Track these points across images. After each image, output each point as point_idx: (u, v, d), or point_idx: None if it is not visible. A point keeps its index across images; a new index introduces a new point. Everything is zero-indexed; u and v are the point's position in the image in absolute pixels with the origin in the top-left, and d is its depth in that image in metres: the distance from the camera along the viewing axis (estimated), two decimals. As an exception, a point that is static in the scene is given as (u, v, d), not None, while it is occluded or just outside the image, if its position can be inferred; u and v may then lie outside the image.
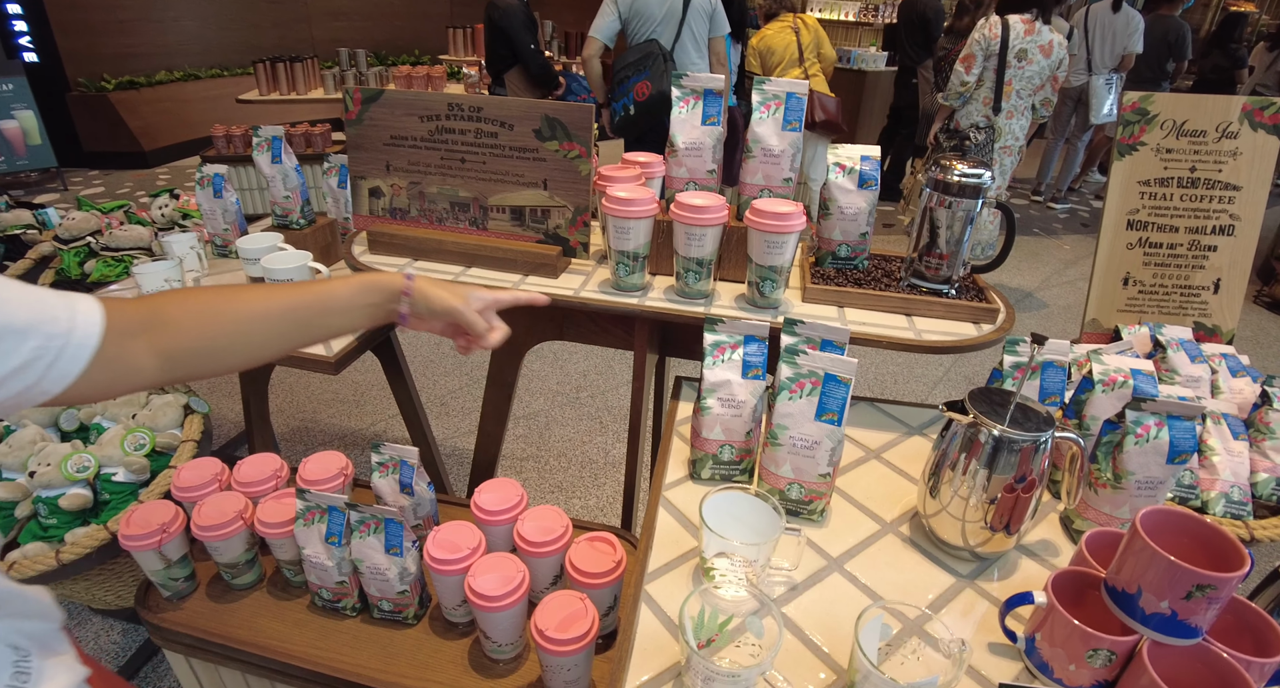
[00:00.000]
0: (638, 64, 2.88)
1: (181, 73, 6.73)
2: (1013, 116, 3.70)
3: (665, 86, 2.87)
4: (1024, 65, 3.60)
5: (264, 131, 1.71)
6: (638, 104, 2.91)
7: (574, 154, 1.29)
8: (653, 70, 2.86)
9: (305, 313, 0.79)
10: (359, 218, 1.47)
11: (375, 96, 1.34)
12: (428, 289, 0.87)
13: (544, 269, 1.36)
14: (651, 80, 2.87)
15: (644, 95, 2.88)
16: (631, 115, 2.96)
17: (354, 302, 0.83)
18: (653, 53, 2.89)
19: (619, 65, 2.99)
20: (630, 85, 2.89)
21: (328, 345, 1.45)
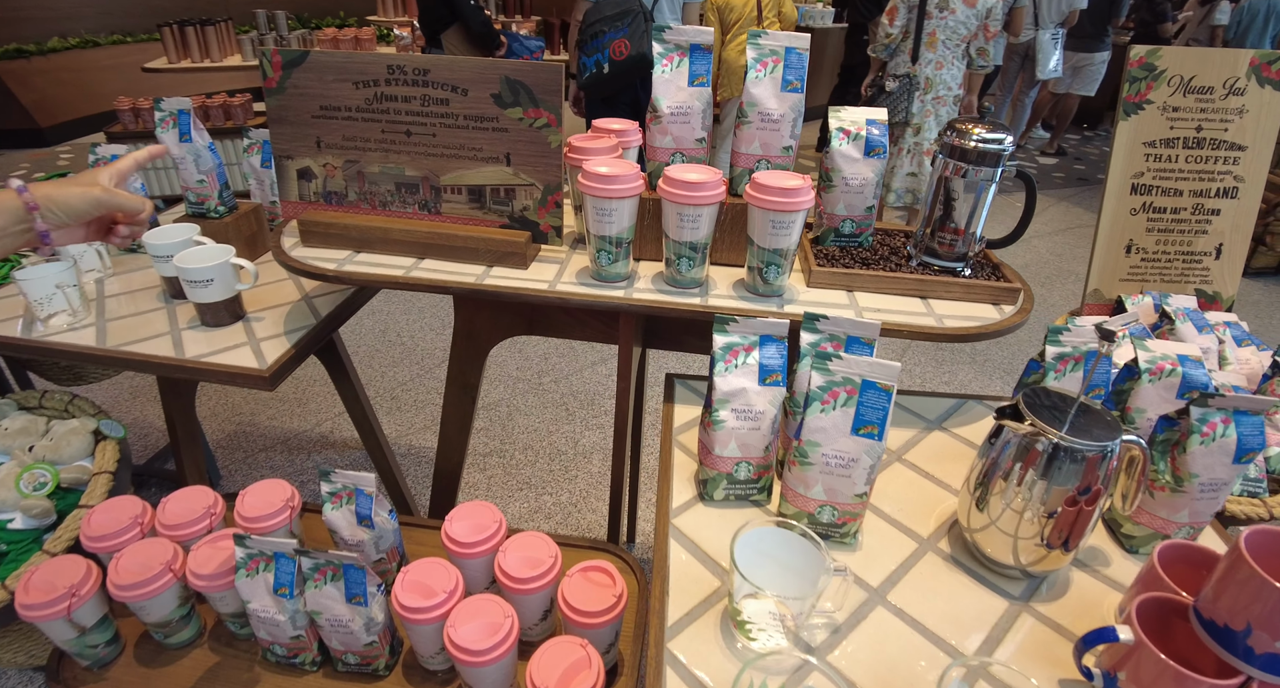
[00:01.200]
0: (615, 19, 2.66)
1: (78, 39, 6.11)
2: (943, 67, 3.72)
3: (645, 48, 2.67)
4: (946, 15, 3.62)
5: (168, 104, 1.46)
6: (614, 62, 2.70)
7: (541, 123, 1.11)
8: (632, 28, 2.65)
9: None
10: (287, 204, 1.25)
11: (299, 60, 1.12)
12: (55, 193, 0.80)
13: (511, 259, 1.18)
14: (631, 39, 2.65)
15: (621, 54, 2.66)
16: (605, 74, 2.74)
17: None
18: (633, 10, 2.67)
19: (592, 17, 2.76)
20: (606, 41, 2.67)
21: (259, 356, 1.25)
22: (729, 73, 3.99)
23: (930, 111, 3.80)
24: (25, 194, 0.76)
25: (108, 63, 6.11)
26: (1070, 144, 7.10)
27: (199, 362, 1.23)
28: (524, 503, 2.20)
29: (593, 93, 2.84)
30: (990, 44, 3.72)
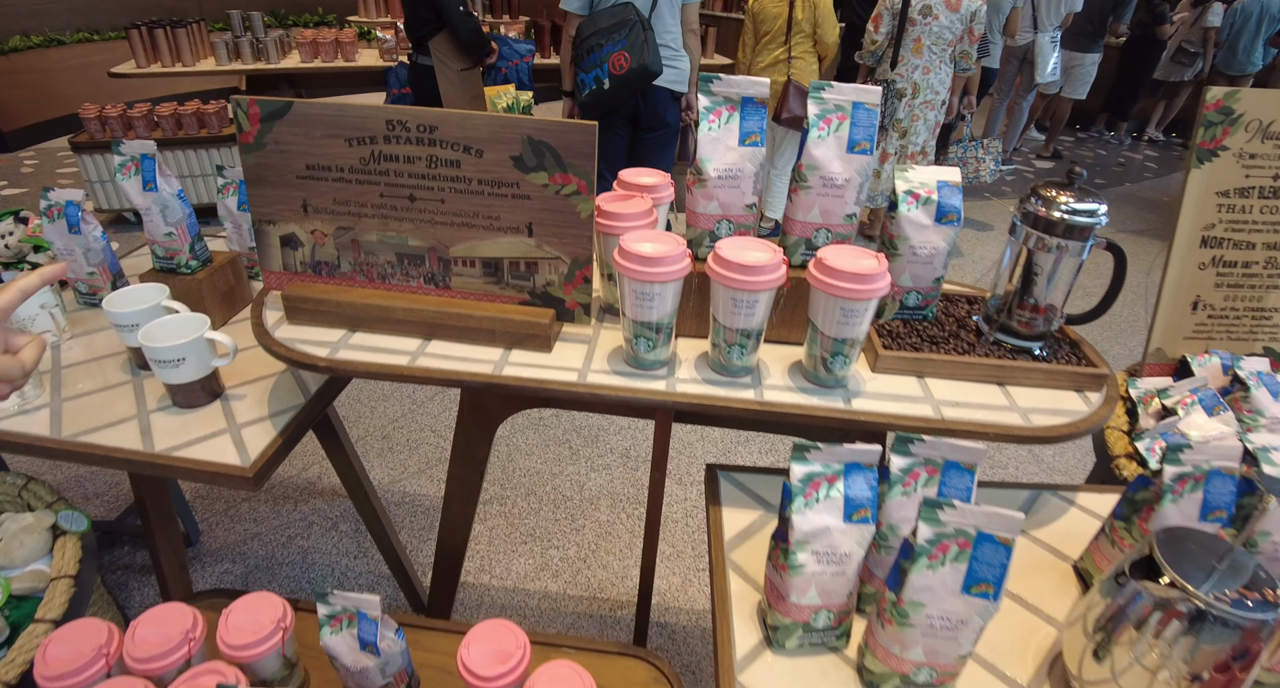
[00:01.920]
0: (612, 31, 2.47)
1: (41, 38, 5.82)
2: (929, 72, 3.82)
3: (647, 59, 2.49)
4: (929, 21, 3.68)
5: (129, 148, 1.28)
6: (614, 77, 2.51)
7: (570, 190, 0.95)
8: (630, 39, 2.46)
9: None
10: (270, 275, 1.09)
11: (280, 111, 0.96)
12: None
13: (533, 342, 1.02)
14: (630, 51, 2.47)
15: (621, 68, 2.48)
16: (605, 90, 2.56)
17: None
18: (630, 19, 2.48)
19: (586, 30, 2.57)
20: (604, 55, 2.48)
21: (240, 448, 1.08)
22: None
23: (919, 116, 3.93)
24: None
25: (73, 62, 5.82)
26: (1065, 147, 7.03)
27: (171, 457, 1.06)
28: (529, 559, 2.05)
29: (592, 110, 2.67)
30: (973, 47, 3.81)
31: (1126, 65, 7.02)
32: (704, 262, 1.02)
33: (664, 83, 2.75)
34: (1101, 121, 7.72)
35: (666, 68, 2.69)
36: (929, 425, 0.95)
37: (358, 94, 7.20)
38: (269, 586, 1.97)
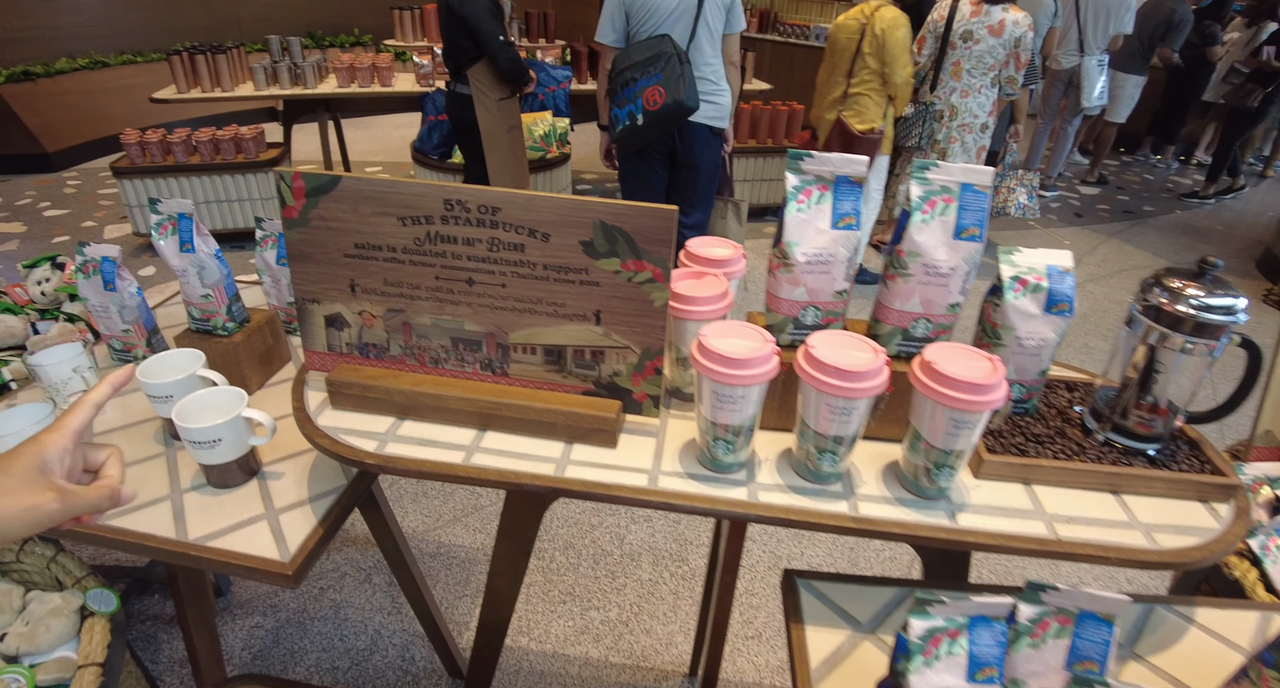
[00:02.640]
0: (647, 65, 2.37)
1: (87, 60, 5.92)
2: (968, 95, 3.76)
3: (682, 95, 2.38)
4: (970, 45, 3.64)
5: (167, 207, 1.22)
6: (648, 113, 2.41)
7: (644, 277, 0.86)
8: (666, 73, 2.36)
9: None
10: (313, 354, 1.01)
11: (327, 186, 0.88)
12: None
13: (598, 437, 0.93)
14: (665, 86, 2.36)
15: (655, 104, 2.37)
16: (639, 126, 2.45)
17: None
18: (665, 52, 2.37)
19: (621, 64, 2.46)
20: (638, 89, 2.38)
21: (279, 539, 1.01)
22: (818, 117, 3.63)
23: (956, 138, 3.87)
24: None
25: (116, 84, 5.92)
26: (1110, 171, 6.83)
27: (206, 548, 0.99)
28: (568, 621, 1.95)
29: (626, 146, 2.58)
30: (1019, 72, 3.73)
31: (1174, 87, 6.81)
32: (787, 349, 0.93)
33: (702, 119, 2.63)
34: (1147, 145, 7.50)
35: (705, 103, 2.58)
36: (1044, 548, 0.85)
37: (393, 115, 7.26)
38: (300, 642, 1.90)
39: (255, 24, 6.81)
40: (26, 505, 0.54)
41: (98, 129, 5.70)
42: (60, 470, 0.57)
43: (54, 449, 0.57)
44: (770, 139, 4.61)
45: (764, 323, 1.02)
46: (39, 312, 1.67)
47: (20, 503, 0.54)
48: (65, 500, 0.56)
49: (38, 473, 0.56)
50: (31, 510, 0.54)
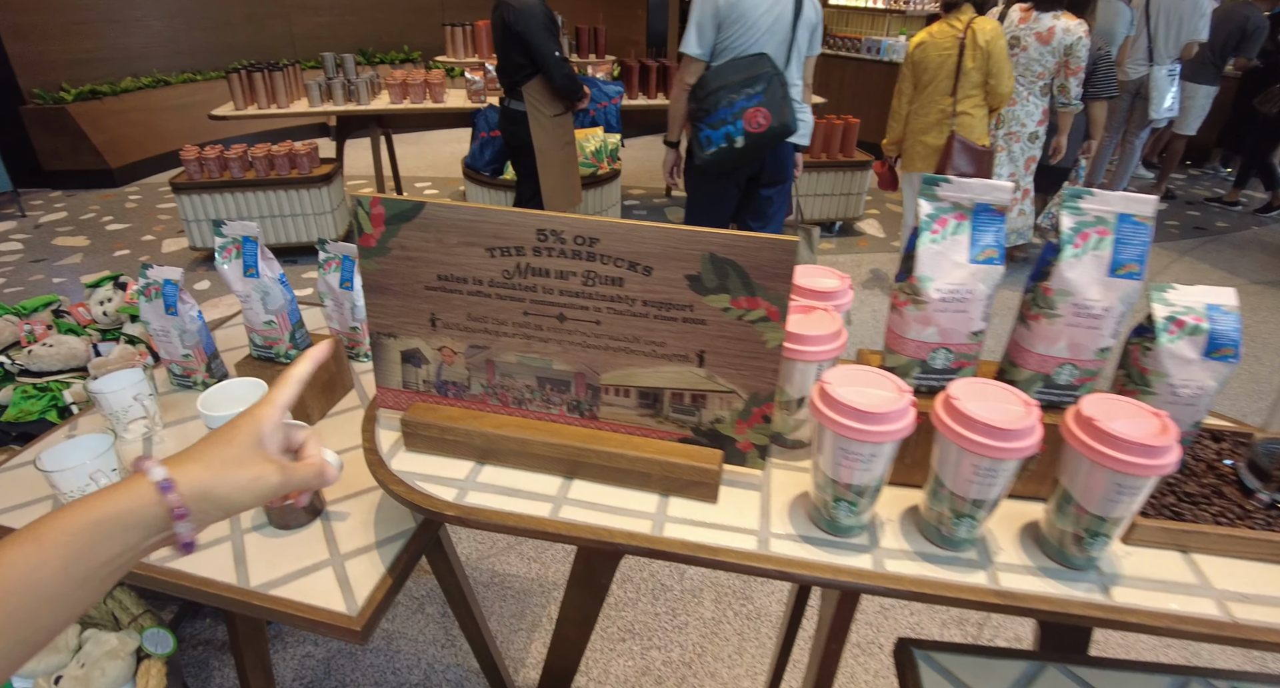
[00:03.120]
0: (745, 85, 2.25)
1: (150, 79, 6.10)
2: (1015, 103, 3.66)
3: (787, 116, 2.29)
4: (1017, 52, 3.58)
5: (231, 230, 1.18)
6: (749, 135, 2.28)
7: (756, 316, 0.77)
8: (768, 94, 2.24)
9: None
10: (386, 391, 0.94)
11: (409, 213, 0.81)
12: (213, 486, 0.52)
13: (697, 490, 0.84)
14: (768, 107, 2.24)
15: (760, 126, 2.25)
16: (737, 148, 2.32)
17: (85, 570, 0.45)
18: (765, 72, 2.26)
19: (714, 82, 2.33)
20: (737, 110, 2.26)
21: (346, 589, 0.93)
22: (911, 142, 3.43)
23: (1003, 147, 3.79)
24: (170, 493, 0.49)
25: (177, 102, 6.07)
26: (1177, 185, 6.53)
27: (268, 597, 0.92)
28: (628, 661, 1.86)
29: (716, 169, 2.47)
30: (1072, 81, 3.58)
31: (1245, 97, 6.50)
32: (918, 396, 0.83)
33: (793, 138, 2.53)
34: (1216, 158, 7.17)
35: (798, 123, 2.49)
36: (1219, 632, 0.73)
37: (442, 130, 7.33)
38: (352, 674, 1.84)
39: (308, 42, 6.95)
40: (253, 475, 0.54)
41: (158, 145, 5.85)
42: (273, 446, 0.57)
43: (268, 424, 0.56)
44: (825, 153, 4.50)
45: (879, 363, 0.92)
46: (100, 332, 1.65)
47: (248, 472, 0.53)
48: (285, 474, 0.56)
49: (256, 446, 0.55)
50: (257, 481, 0.54)
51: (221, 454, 0.53)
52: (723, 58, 2.44)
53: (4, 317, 1.58)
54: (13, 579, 0.41)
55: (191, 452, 0.53)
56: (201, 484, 0.51)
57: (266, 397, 0.58)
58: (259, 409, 0.57)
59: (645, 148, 6.81)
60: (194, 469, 0.51)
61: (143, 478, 0.49)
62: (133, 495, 0.48)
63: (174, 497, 0.49)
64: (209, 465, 0.52)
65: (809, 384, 0.87)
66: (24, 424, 1.48)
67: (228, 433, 0.55)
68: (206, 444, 0.54)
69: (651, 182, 5.94)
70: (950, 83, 3.19)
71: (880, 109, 6.70)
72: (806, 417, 0.92)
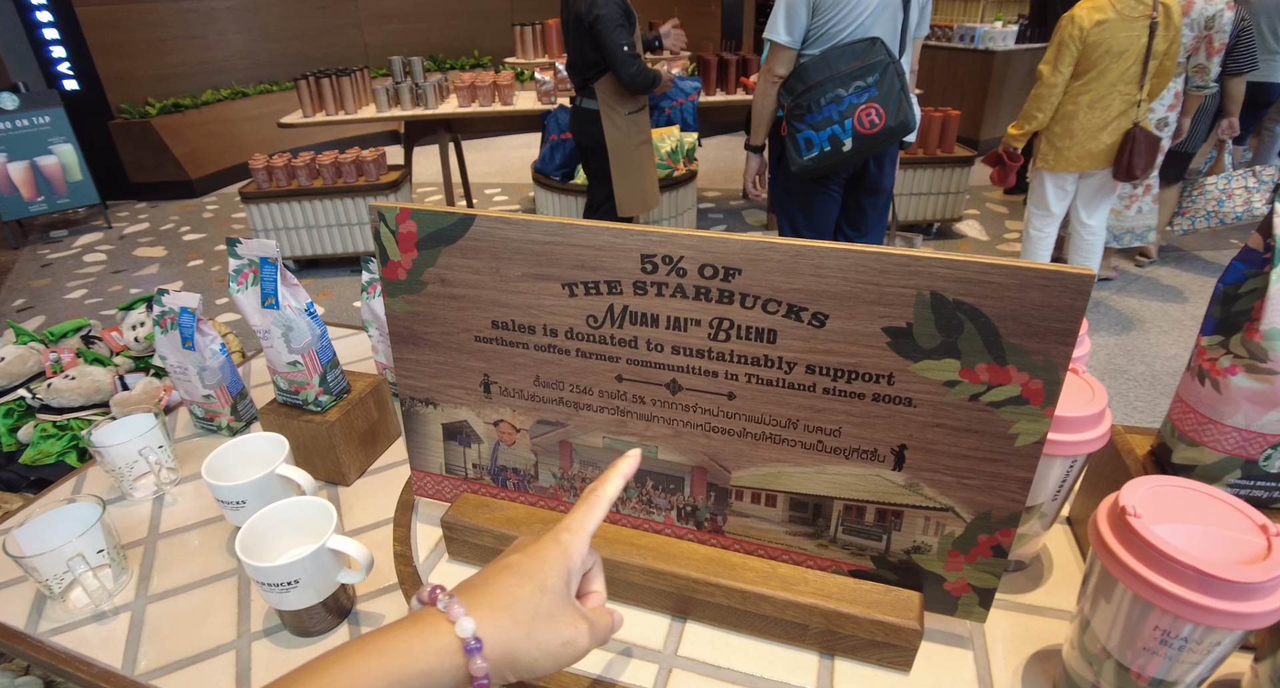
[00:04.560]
0: (856, 76, 1.89)
1: (229, 91, 6.19)
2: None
3: (906, 113, 1.92)
4: None
5: (247, 249, 0.95)
6: (859, 136, 1.92)
7: (1004, 396, 0.46)
8: (883, 87, 1.88)
9: None
10: (425, 477, 0.68)
11: (452, 233, 0.54)
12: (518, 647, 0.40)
13: (879, 652, 0.54)
14: (883, 103, 1.88)
15: (873, 126, 1.88)
16: (844, 152, 1.95)
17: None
18: (879, 62, 1.89)
19: (816, 75, 1.97)
20: (846, 107, 1.90)
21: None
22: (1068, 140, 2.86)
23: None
24: (477, 658, 0.38)
25: (253, 113, 6.14)
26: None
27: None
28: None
29: (815, 175, 2.10)
30: (1213, 61, 2.99)
31: None
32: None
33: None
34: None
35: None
36: None
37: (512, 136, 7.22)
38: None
39: (380, 49, 6.95)
40: (565, 638, 0.42)
41: (235, 156, 5.91)
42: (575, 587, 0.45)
43: (578, 560, 0.44)
44: (922, 149, 4.09)
45: (1148, 453, 0.60)
46: (133, 361, 1.48)
47: (560, 634, 0.42)
48: (593, 633, 0.44)
49: (569, 592, 0.43)
50: (567, 646, 0.42)
51: (534, 604, 0.41)
52: (819, 45, 2.06)
53: (29, 344, 1.43)
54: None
55: (496, 594, 0.41)
56: (510, 645, 0.40)
57: (573, 522, 0.45)
58: (569, 539, 0.44)
59: (721, 147, 6.50)
60: (504, 624, 0.40)
61: (446, 628, 0.39)
62: (435, 653, 0.38)
63: (480, 664, 0.39)
64: (519, 620, 0.40)
65: (1049, 488, 0.57)
66: (42, 467, 1.31)
67: (539, 572, 0.43)
68: (514, 583, 0.42)
69: (727, 183, 5.62)
70: (1139, 69, 2.65)
71: (974, 102, 6.22)
72: (1035, 531, 0.61)
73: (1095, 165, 2.84)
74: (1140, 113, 2.73)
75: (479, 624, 0.39)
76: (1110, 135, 2.76)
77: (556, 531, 0.45)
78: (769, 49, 2.12)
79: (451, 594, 0.40)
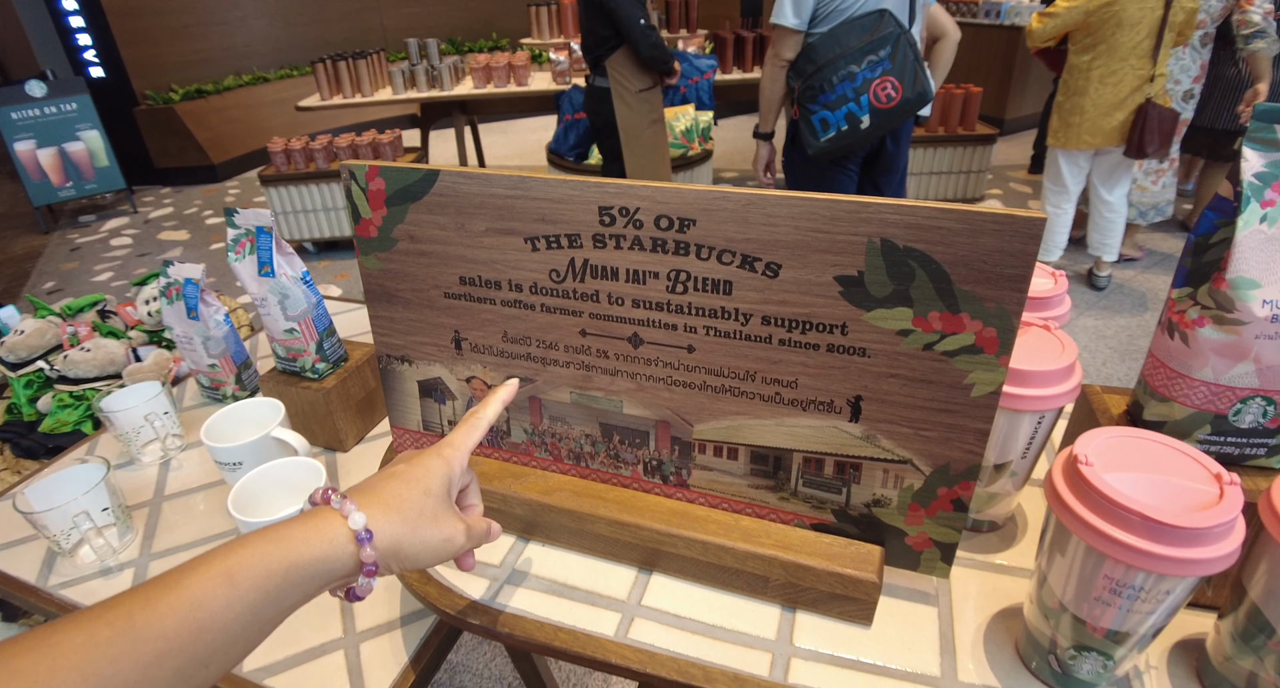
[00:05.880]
0: (868, 50, 1.84)
1: (250, 76, 6.25)
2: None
3: (923, 85, 1.87)
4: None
5: (244, 218, 0.97)
6: (876, 111, 1.88)
7: (958, 344, 0.46)
8: (897, 60, 1.82)
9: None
10: (404, 433, 0.69)
11: (418, 189, 0.55)
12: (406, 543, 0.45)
13: (840, 606, 0.54)
14: (898, 76, 1.83)
15: (890, 100, 1.84)
16: (862, 129, 1.91)
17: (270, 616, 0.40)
18: (890, 33, 1.85)
19: (827, 52, 1.92)
20: (860, 84, 1.85)
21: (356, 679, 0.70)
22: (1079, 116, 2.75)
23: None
24: (366, 547, 0.42)
25: (274, 97, 6.20)
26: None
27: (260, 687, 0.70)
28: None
29: (831, 156, 2.05)
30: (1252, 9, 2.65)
31: None
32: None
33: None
34: None
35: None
36: None
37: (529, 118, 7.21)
38: (409, 713, 1.65)
39: (398, 32, 6.96)
40: (445, 535, 0.47)
41: (257, 140, 5.98)
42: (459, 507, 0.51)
43: (459, 471, 0.50)
44: (943, 127, 4.01)
45: (1123, 412, 0.59)
46: (146, 334, 1.51)
47: (441, 531, 0.47)
48: (469, 535, 0.49)
49: (449, 497, 0.49)
50: (446, 542, 0.47)
51: (419, 505, 0.46)
52: (826, 23, 2.01)
53: (48, 318, 1.47)
54: (203, 620, 0.37)
55: (384, 494, 0.46)
56: (396, 538, 0.44)
57: (455, 439, 0.50)
58: (450, 453, 0.50)
59: (737, 128, 6.44)
60: (392, 520, 0.44)
61: (339, 521, 0.43)
62: (329, 542, 0.42)
63: (369, 552, 0.42)
64: (406, 517, 0.45)
65: (1018, 445, 0.56)
66: (59, 436, 1.35)
67: (423, 478, 0.48)
68: (400, 487, 0.47)
69: (744, 163, 5.57)
70: (1152, 42, 2.54)
71: (999, 80, 6.08)
72: (1006, 490, 0.60)
73: (1108, 143, 2.75)
74: (1155, 88, 2.63)
75: (369, 519, 0.43)
76: (1124, 112, 2.67)
77: (439, 446, 0.50)
78: (775, 33, 2.07)
79: (344, 495, 0.44)
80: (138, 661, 0.35)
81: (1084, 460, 0.44)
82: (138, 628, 0.35)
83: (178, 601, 0.37)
